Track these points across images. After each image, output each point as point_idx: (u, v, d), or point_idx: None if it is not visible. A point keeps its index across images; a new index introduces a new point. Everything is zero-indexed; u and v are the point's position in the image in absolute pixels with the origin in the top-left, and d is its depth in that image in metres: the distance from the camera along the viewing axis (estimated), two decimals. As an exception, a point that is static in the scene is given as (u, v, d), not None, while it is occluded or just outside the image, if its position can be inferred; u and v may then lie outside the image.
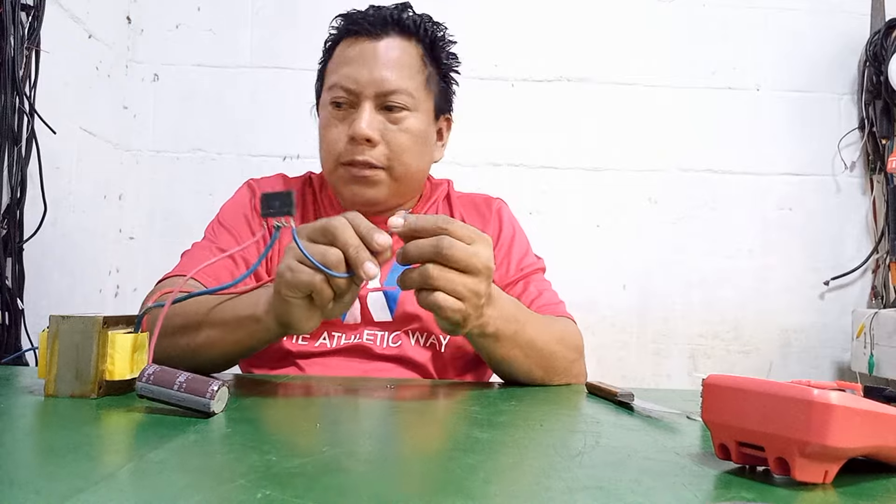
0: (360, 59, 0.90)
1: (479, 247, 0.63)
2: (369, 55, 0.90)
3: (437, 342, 0.93)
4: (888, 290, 1.76)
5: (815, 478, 0.37)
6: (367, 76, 0.89)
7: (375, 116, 0.90)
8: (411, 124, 0.92)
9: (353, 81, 0.90)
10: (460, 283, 0.62)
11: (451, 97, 1.02)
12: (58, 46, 1.31)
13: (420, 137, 0.94)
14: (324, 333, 0.92)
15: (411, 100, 0.92)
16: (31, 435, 0.47)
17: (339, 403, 0.65)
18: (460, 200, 1.05)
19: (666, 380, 1.76)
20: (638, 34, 1.80)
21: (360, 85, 0.90)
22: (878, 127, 1.77)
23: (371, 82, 0.89)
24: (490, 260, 0.64)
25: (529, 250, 1.04)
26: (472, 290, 0.63)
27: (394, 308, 0.93)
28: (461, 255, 0.62)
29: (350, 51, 0.92)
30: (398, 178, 0.93)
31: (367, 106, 0.90)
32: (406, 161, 0.92)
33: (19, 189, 1.18)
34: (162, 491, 0.34)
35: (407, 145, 0.92)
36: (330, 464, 0.40)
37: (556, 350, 0.81)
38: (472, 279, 0.63)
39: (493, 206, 1.05)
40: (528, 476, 0.40)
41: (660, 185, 1.79)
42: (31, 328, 1.19)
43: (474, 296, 0.64)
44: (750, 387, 0.39)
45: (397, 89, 0.90)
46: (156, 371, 0.53)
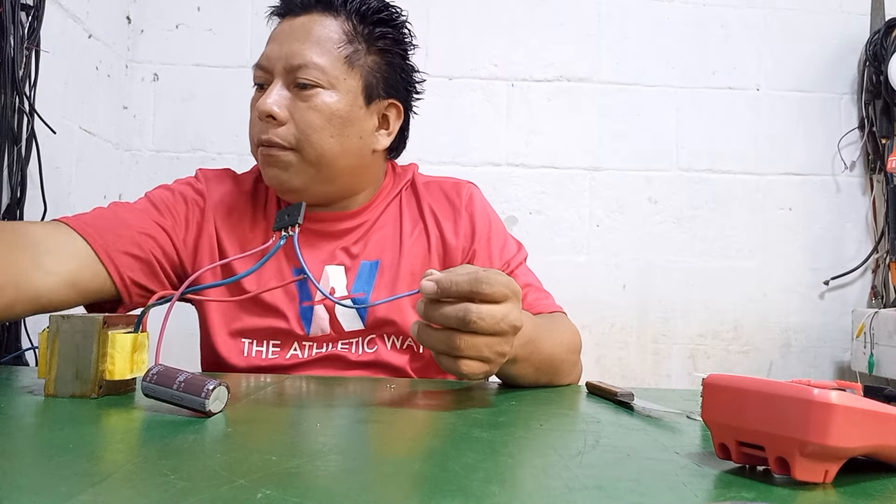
0: (277, 37, 0.88)
1: (509, 306, 0.60)
2: (284, 32, 0.88)
3: (415, 343, 0.89)
4: (888, 289, 1.76)
5: (816, 477, 0.37)
6: (278, 51, 0.86)
7: (283, 93, 0.85)
8: (323, 102, 0.85)
9: (266, 59, 0.87)
10: (486, 348, 0.59)
11: (398, 81, 0.92)
12: (58, 46, 1.31)
13: (336, 117, 0.86)
14: (294, 344, 0.88)
15: (324, 76, 0.85)
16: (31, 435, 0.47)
17: (339, 403, 0.65)
18: (427, 188, 0.98)
19: (666, 380, 1.76)
20: (638, 34, 1.80)
21: (270, 62, 0.86)
22: (878, 127, 1.77)
23: (280, 57, 0.85)
24: (519, 319, 0.61)
25: (508, 238, 0.98)
26: (498, 352, 0.61)
27: (364, 315, 0.89)
28: (489, 325, 0.58)
29: (273, 31, 0.90)
30: (312, 163, 0.86)
31: (276, 82, 0.85)
32: (316, 141, 0.85)
33: (19, 189, 1.18)
34: (162, 491, 0.34)
35: (317, 124, 0.84)
36: (330, 464, 0.40)
37: (565, 359, 0.81)
38: (498, 340, 0.60)
39: (462, 194, 0.96)
40: (527, 476, 0.40)
41: (660, 185, 1.79)
42: (31, 328, 1.19)
43: (499, 356, 0.61)
44: (750, 386, 0.39)
45: (305, 63, 0.84)
46: (159, 371, 0.54)
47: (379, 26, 0.89)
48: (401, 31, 0.92)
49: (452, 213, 0.95)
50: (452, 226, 0.94)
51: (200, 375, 0.54)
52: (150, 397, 0.54)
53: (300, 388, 0.73)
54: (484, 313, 0.58)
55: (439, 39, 1.73)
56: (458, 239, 0.93)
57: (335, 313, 0.89)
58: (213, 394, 0.52)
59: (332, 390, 0.73)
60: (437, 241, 0.94)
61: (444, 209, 0.95)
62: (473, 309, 0.58)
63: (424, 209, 0.95)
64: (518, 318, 0.61)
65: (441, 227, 0.94)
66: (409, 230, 0.94)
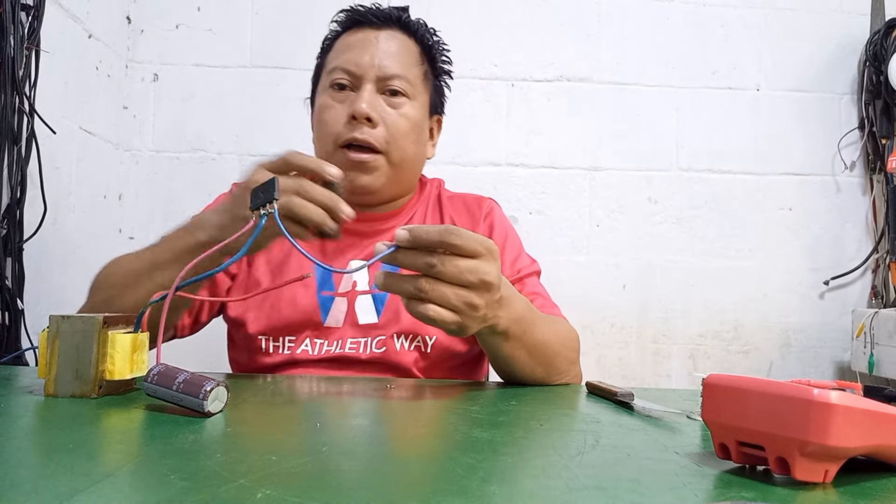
0: (363, 44, 0.93)
1: (482, 262, 0.62)
2: (372, 41, 0.93)
3: (423, 343, 0.91)
4: (888, 289, 1.76)
5: (815, 477, 0.37)
6: (369, 60, 0.92)
7: (376, 98, 0.92)
8: (409, 111, 0.94)
9: (355, 64, 0.92)
10: (453, 296, 0.61)
11: (444, 100, 1.06)
12: (58, 46, 1.31)
13: (417, 126, 0.95)
14: (306, 340, 0.91)
15: (410, 87, 0.94)
16: (31, 435, 0.47)
17: (339, 403, 0.65)
18: (451, 201, 1.04)
19: (666, 380, 1.76)
20: (638, 34, 1.80)
21: (361, 68, 0.92)
22: (878, 127, 1.77)
23: (372, 66, 0.92)
24: (491, 275, 0.63)
25: (522, 252, 1.02)
26: (468, 303, 0.62)
27: (381, 310, 0.92)
28: (454, 272, 0.60)
29: (352, 38, 0.95)
30: (395, 165, 0.93)
31: (368, 87, 0.91)
32: (403, 146, 0.93)
33: (19, 189, 1.18)
34: (162, 491, 0.34)
35: (404, 130, 0.93)
36: (330, 464, 0.40)
37: (560, 351, 0.81)
38: (466, 292, 0.62)
39: (483, 207, 1.03)
40: (527, 476, 0.40)
41: (660, 185, 1.79)
42: (31, 328, 1.19)
43: (470, 308, 0.63)
44: (750, 386, 0.39)
45: (398, 74, 0.93)
46: (160, 371, 0.54)
47: (439, 52, 1.02)
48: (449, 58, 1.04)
49: (471, 223, 1.01)
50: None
51: (200, 375, 0.54)
52: (152, 397, 0.54)
53: (300, 389, 0.73)
54: (448, 261, 0.60)
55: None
56: None
57: (353, 306, 0.92)
58: (211, 394, 0.52)
59: (332, 390, 0.73)
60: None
61: (463, 219, 1.02)
62: (440, 256, 0.60)
63: (446, 219, 1.02)
64: (490, 274, 0.62)
65: None
66: None
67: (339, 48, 0.96)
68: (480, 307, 0.63)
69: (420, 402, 0.68)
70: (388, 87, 0.92)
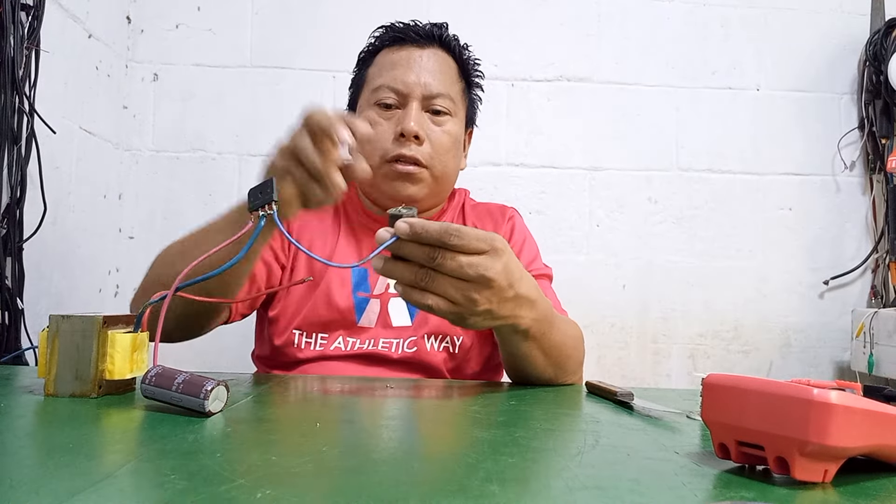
0: (407, 63, 0.97)
1: (485, 258, 0.62)
2: (416, 60, 0.97)
3: (452, 343, 0.95)
4: (888, 289, 1.76)
5: (815, 477, 0.37)
6: (415, 79, 0.96)
7: (422, 116, 0.96)
8: (451, 128, 0.99)
9: (402, 83, 0.95)
10: (453, 289, 0.62)
11: (475, 114, 1.10)
12: (58, 46, 1.31)
13: (457, 141, 1.00)
14: (339, 338, 0.94)
15: (453, 105, 0.99)
16: (31, 435, 0.47)
17: (339, 403, 0.65)
18: (475, 210, 1.10)
19: (666, 380, 1.76)
20: (638, 34, 1.80)
21: (407, 87, 0.95)
22: (878, 127, 1.76)
23: (418, 85, 0.96)
24: (492, 271, 0.62)
25: (538, 257, 1.07)
26: (467, 297, 0.62)
27: (413, 312, 0.96)
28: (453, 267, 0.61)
29: (395, 56, 0.98)
30: (437, 178, 0.98)
31: (414, 105, 0.95)
32: (445, 161, 0.98)
33: (19, 189, 1.18)
34: (161, 491, 0.34)
35: (447, 147, 0.98)
36: (330, 464, 0.40)
37: (571, 354, 0.83)
38: (466, 285, 0.62)
39: (506, 214, 1.10)
40: (527, 476, 0.40)
41: (660, 185, 1.79)
42: (31, 328, 1.19)
43: (469, 302, 0.63)
44: (750, 386, 0.39)
45: (442, 93, 0.97)
46: (157, 373, 0.54)
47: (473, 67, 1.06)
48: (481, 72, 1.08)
49: (493, 227, 1.06)
50: None
51: (199, 376, 0.54)
52: (150, 399, 0.54)
53: (300, 388, 0.73)
54: (448, 256, 0.60)
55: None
56: None
57: (387, 307, 0.96)
58: (211, 394, 0.52)
59: (333, 390, 0.73)
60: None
61: (486, 224, 1.07)
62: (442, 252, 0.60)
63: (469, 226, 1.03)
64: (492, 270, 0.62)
65: None
66: None
67: (383, 65, 0.99)
68: (480, 302, 0.63)
69: (420, 402, 0.68)
70: (432, 105, 0.97)
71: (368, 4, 1.72)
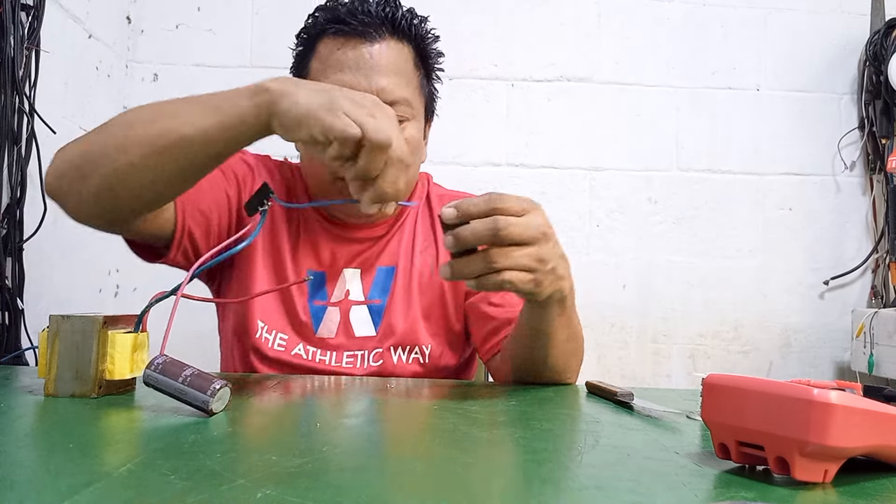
0: (356, 65, 0.83)
1: (532, 216, 0.62)
2: (365, 61, 0.83)
3: (421, 353, 0.90)
4: (888, 289, 1.76)
5: (815, 477, 0.37)
6: (365, 85, 0.83)
7: None
8: (410, 134, 0.87)
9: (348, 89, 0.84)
10: (525, 257, 0.61)
11: (436, 98, 0.97)
12: (58, 46, 1.31)
13: (417, 145, 0.90)
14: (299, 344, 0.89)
15: (410, 110, 0.87)
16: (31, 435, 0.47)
17: (339, 403, 0.65)
18: (442, 200, 1.00)
19: (666, 380, 1.76)
20: (638, 34, 1.80)
21: None
22: (878, 127, 1.76)
23: (369, 91, 0.81)
24: (546, 225, 0.63)
25: None
26: (538, 259, 0.62)
27: (378, 322, 0.90)
28: (518, 231, 0.60)
29: (341, 54, 0.84)
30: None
31: None
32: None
33: (19, 189, 1.18)
34: (162, 491, 0.34)
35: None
36: (330, 464, 0.40)
37: (579, 348, 0.82)
38: (534, 248, 0.62)
39: None
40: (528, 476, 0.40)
41: (660, 185, 1.79)
42: (31, 328, 1.19)
43: (541, 263, 0.63)
44: (750, 386, 0.39)
45: (397, 100, 0.84)
46: (165, 361, 0.54)
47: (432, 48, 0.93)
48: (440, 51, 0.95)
49: None
50: None
51: (208, 374, 0.54)
52: (150, 387, 0.54)
53: (300, 389, 0.73)
54: (510, 221, 0.60)
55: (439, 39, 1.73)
56: None
57: (349, 317, 0.90)
58: (218, 393, 0.52)
59: (333, 390, 0.73)
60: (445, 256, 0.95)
61: None
62: (500, 219, 0.59)
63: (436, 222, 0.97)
64: (544, 223, 0.63)
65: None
66: (420, 240, 0.95)
67: (328, 63, 0.85)
68: (550, 259, 0.64)
69: (420, 401, 0.68)
70: None
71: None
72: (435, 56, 0.94)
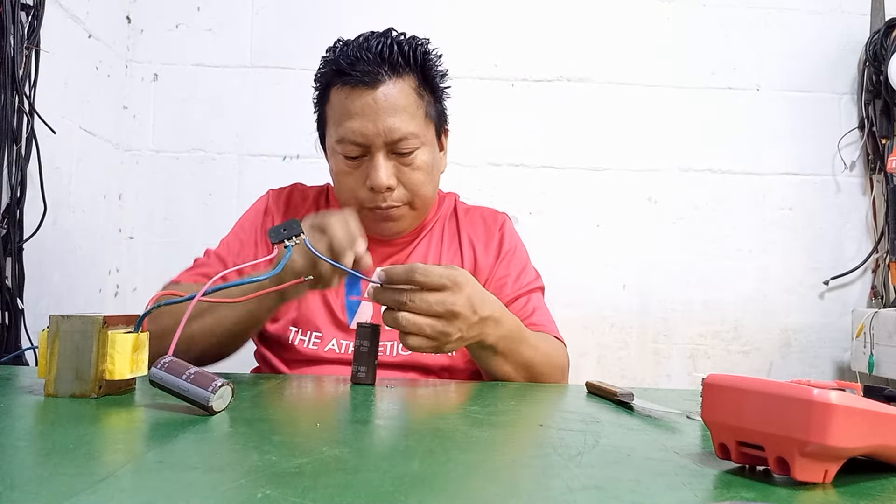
0: (362, 112, 0.92)
1: (449, 294, 0.72)
2: (370, 107, 0.92)
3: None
4: (888, 289, 1.76)
5: (815, 477, 0.37)
6: (373, 129, 0.91)
7: (389, 164, 0.94)
8: (422, 160, 0.96)
9: (361, 135, 0.92)
10: (427, 327, 0.71)
11: (446, 112, 1.05)
12: (58, 46, 1.31)
13: (431, 167, 0.98)
14: (332, 340, 0.95)
15: (418, 139, 0.94)
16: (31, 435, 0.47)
17: (340, 403, 0.65)
18: (467, 215, 1.10)
19: (666, 380, 1.76)
20: (638, 34, 1.80)
21: (368, 138, 0.92)
22: (878, 127, 1.76)
23: (378, 134, 0.92)
24: (458, 305, 0.72)
25: (527, 267, 1.07)
26: (441, 332, 0.72)
27: None
28: (424, 306, 0.70)
29: (349, 103, 0.93)
30: (419, 208, 0.99)
31: (379, 156, 0.93)
32: (423, 194, 0.97)
33: (19, 189, 1.18)
34: (162, 491, 0.34)
35: (422, 180, 0.96)
36: (330, 464, 0.40)
37: (545, 371, 0.87)
38: (437, 321, 0.71)
39: (498, 220, 1.09)
40: (527, 475, 0.40)
41: (660, 185, 1.79)
42: (31, 328, 1.19)
43: (442, 335, 0.72)
44: (750, 386, 0.39)
45: (405, 136, 0.93)
46: (171, 361, 0.55)
47: (431, 69, 0.98)
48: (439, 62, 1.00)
49: (486, 235, 1.06)
50: (484, 247, 1.05)
51: (210, 373, 0.54)
52: (154, 385, 0.54)
53: (301, 389, 0.73)
54: (416, 297, 0.70)
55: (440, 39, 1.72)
56: (488, 258, 1.04)
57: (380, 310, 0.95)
58: (219, 391, 0.52)
59: (333, 391, 0.73)
60: (471, 260, 1.04)
61: (479, 233, 1.07)
62: (407, 295, 0.70)
63: (462, 234, 1.06)
64: (458, 304, 0.72)
65: (475, 249, 1.05)
66: (446, 247, 1.05)
67: (339, 111, 0.94)
68: (452, 333, 0.73)
69: (420, 402, 0.68)
70: (397, 149, 0.93)
71: (369, 4, 1.72)
72: (440, 77, 1.00)
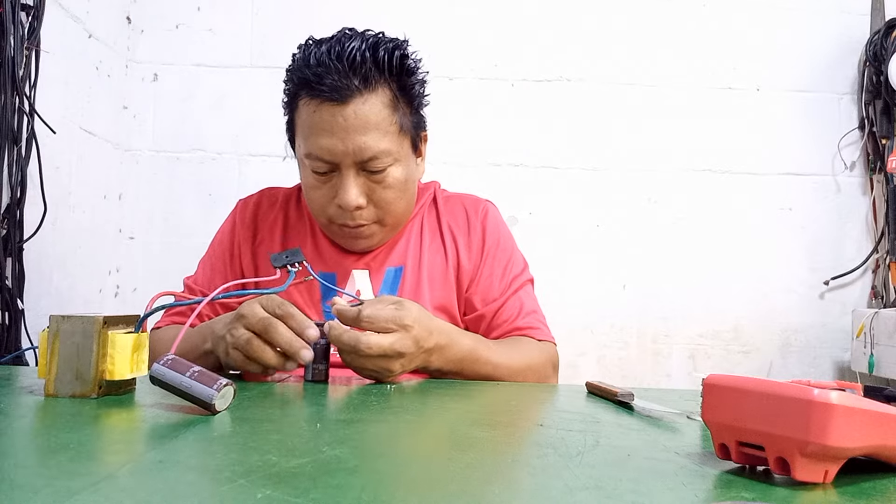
0: (331, 129, 0.86)
1: (396, 336, 0.74)
2: (339, 125, 0.86)
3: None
4: (888, 289, 1.76)
5: (815, 477, 0.37)
6: (342, 148, 0.86)
7: (359, 182, 0.89)
8: (394, 178, 0.90)
9: (329, 153, 0.87)
10: (371, 365, 0.74)
11: (424, 118, 0.98)
12: (58, 46, 1.32)
13: (405, 182, 0.93)
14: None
15: (390, 157, 0.89)
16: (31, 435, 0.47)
17: (340, 404, 0.65)
18: (448, 203, 1.04)
19: (666, 380, 1.76)
20: (638, 34, 1.80)
21: (336, 156, 0.87)
22: (878, 127, 1.76)
23: (347, 154, 0.86)
24: (405, 346, 0.74)
25: (512, 258, 1.03)
26: (386, 369, 0.74)
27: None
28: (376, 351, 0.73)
29: (317, 118, 0.87)
30: (390, 224, 0.95)
31: (349, 174, 0.88)
32: (395, 211, 0.93)
33: (19, 189, 1.18)
34: (162, 491, 0.34)
35: (394, 198, 0.92)
36: (330, 464, 0.40)
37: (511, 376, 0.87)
38: (384, 360, 0.74)
39: (479, 210, 1.03)
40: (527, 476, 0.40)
41: (660, 185, 1.79)
42: (31, 328, 1.19)
43: (388, 372, 0.75)
44: (750, 386, 0.39)
45: (376, 154, 0.87)
46: (173, 358, 0.55)
47: (408, 77, 0.91)
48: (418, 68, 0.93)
49: (467, 228, 1.02)
50: (466, 241, 1.01)
51: (213, 373, 0.54)
52: (155, 383, 0.54)
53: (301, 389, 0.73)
54: (373, 342, 0.72)
55: (440, 39, 1.73)
56: (471, 254, 1.01)
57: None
58: (223, 390, 0.52)
59: (333, 391, 0.73)
60: (454, 257, 1.00)
61: (460, 224, 1.02)
62: (362, 339, 0.72)
63: (443, 224, 1.02)
64: (405, 346, 0.74)
65: (457, 244, 1.01)
66: (428, 241, 1.01)
67: (307, 124, 0.88)
68: (396, 370, 0.75)
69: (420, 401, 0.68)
70: (368, 167, 0.88)
71: (369, 4, 1.72)
72: (418, 85, 0.93)
